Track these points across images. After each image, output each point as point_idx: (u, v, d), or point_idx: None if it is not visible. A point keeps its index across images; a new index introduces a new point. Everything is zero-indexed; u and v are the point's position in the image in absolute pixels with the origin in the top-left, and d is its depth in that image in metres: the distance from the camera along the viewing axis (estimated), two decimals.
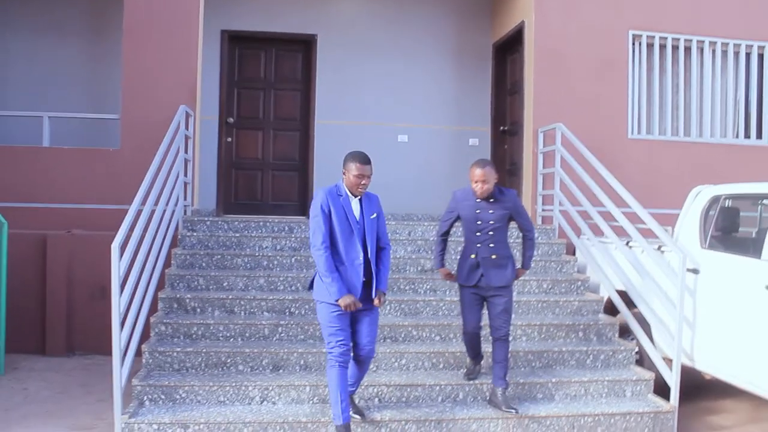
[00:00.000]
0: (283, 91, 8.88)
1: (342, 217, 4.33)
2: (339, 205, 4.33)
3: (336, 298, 4.25)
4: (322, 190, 4.38)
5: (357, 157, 4.36)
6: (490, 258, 4.95)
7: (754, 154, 8.67)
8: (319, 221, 4.29)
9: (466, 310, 5.07)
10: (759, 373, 4.83)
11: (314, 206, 4.34)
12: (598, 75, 8.17)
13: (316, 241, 4.29)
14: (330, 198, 4.33)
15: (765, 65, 8.87)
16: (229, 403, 4.86)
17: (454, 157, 9.38)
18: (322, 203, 4.32)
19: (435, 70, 9.44)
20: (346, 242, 4.33)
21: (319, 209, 4.30)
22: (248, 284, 6.07)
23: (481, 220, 4.96)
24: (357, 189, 4.36)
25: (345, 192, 4.39)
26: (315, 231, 4.30)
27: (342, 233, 4.32)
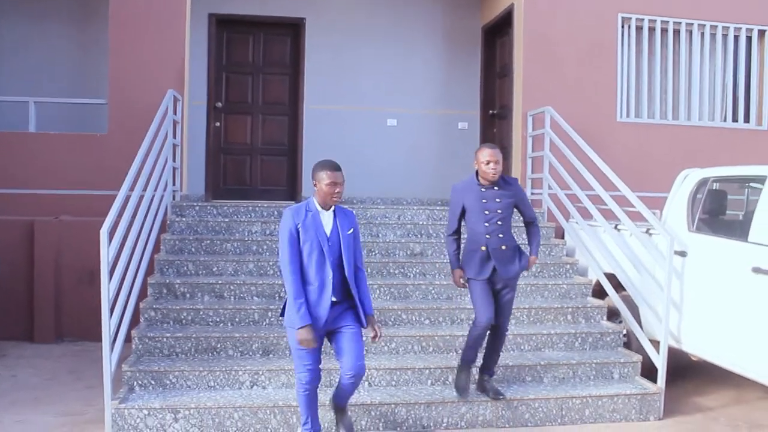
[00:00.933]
0: (271, 76, 8.84)
1: (311, 235, 4.04)
2: (308, 224, 4.05)
3: (297, 326, 3.96)
4: (289, 211, 4.09)
5: (327, 165, 4.12)
6: (500, 249, 4.75)
7: (742, 138, 8.72)
8: (286, 243, 4.02)
9: (481, 301, 4.77)
10: (744, 354, 4.88)
11: (281, 229, 4.08)
12: (587, 58, 8.17)
13: (283, 264, 4.04)
14: (296, 218, 4.05)
15: (753, 48, 8.89)
16: (219, 387, 4.88)
17: (444, 141, 9.39)
18: (289, 227, 4.04)
19: (424, 53, 9.41)
20: (316, 261, 4.03)
21: (287, 233, 4.03)
22: (238, 269, 6.06)
23: (489, 210, 4.75)
24: (331, 198, 4.09)
25: (315, 207, 4.12)
26: (283, 253, 4.04)
27: (311, 252, 4.03)
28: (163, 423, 4.55)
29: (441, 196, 9.16)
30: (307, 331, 3.96)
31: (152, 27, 7.31)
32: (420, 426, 4.81)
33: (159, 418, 4.54)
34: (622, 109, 8.43)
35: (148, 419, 4.54)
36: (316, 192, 4.14)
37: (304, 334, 3.96)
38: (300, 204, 4.15)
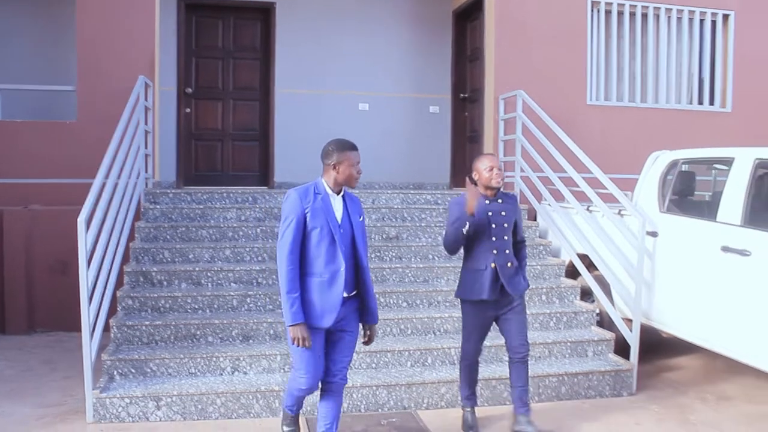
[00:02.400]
0: (242, 61, 8.75)
1: (321, 221, 3.61)
2: (317, 208, 3.61)
3: (289, 323, 3.54)
4: (295, 192, 3.64)
5: (351, 145, 3.72)
6: (506, 266, 4.38)
7: (707, 120, 8.90)
8: (290, 230, 3.56)
9: (474, 332, 4.47)
10: (713, 330, 5.03)
11: (285, 211, 3.60)
12: (557, 42, 8.25)
13: (282, 252, 3.56)
14: (304, 201, 3.60)
15: (717, 32, 9.07)
16: (201, 374, 4.88)
17: (415, 125, 9.43)
18: (297, 211, 3.58)
19: (395, 37, 9.41)
20: (326, 250, 3.61)
21: (293, 217, 3.57)
22: (214, 256, 6.05)
23: (496, 223, 4.37)
24: (355, 181, 3.72)
25: (325, 190, 3.69)
26: (284, 240, 3.56)
27: (321, 240, 3.60)
28: (146, 411, 4.55)
29: (413, 179, 9.22)
30: (301, 329, 3.54)
31: (121, 12, 7.19)
32: (401, 407, 4.88)
33: (141, 407, 4.54)
34: (591, 92, 8.55)
35: (130, 408, 4.54)
36: (334, 174, 3.68)
37: (298, 332, 3.54)
38: (306, 186, 3.71)
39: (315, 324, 3.62)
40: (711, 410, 5.08)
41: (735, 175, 5.09)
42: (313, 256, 3.61)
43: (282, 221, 3.61)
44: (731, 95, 9.09)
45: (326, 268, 3.62)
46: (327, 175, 3.72)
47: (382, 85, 9.38)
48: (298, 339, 3.54)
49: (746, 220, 4.87)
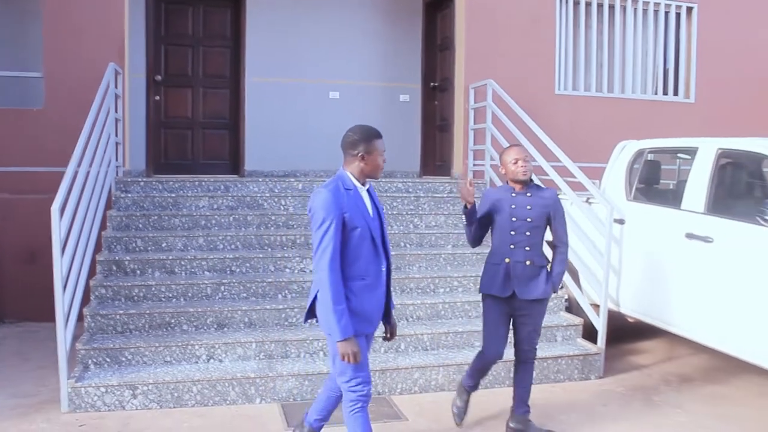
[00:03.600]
0: (212, 48, 8.68)
1: (359, 220, 3.30)
2: (352, 206, 3.30)
3: (339, 338, 3.19)
4: (327, 192, 3.25)
5: (376, 132, 3.46)
6: (524, 264, 4.16)
7: (672, 110, 9.11)
8: (330, 235, 3.20)
9: (492, 329, 4.25)
10: (677, 314, 5.20)
11: (321, 212, 3.22)
12: (526, 31, 8.35)
13: (323, 260, 3.19)
14: (339, 199, 3.26)
15: (681, 24, 9.26)
16: (176, 362, 4.90)
17: (386, 114, 9.46)
18: (332, 211, 3.21)
19: (366, 26, 9.43)
20: (367, 251, 3.34)
21: (331, 219, 3.20)
22: (187, 244, 6.05)
23: (517, 217, 4.18)
24: (381, 171, 3.48)
25: (353, 183, 3.37)
26: (324, 247, 3.20)
27: (361, 241, 3.30)
28: (122, 399, 4.56)
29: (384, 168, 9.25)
30: (353, 344, 3.22)
31: None
32: (375, 392, 4.94)
33: (117, 395, 4.55)
34: (560, 82, 8.68)
35: (106, 396, 4.54)
36: (360, 165, 3.39)
37: (349, 347, 3.21)
38: (332, 182, 3.35)
39: (364, 331, 3.36)
40: (674, 391, 5.26)
41: (698, 165, 5.24)
42: (354, 259, 3.29)
43: (317, 225, 3.22)
44: (695, 86, 9.30)
45: (369, 269, 3.34)
46: (352, 167, 3.40)
47: (352, 74, 9.40)
48: (348, 355, 3.20)
49: (709, 208, 5.03)
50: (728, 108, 9.22)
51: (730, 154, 5.22)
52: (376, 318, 3.46)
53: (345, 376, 3.34)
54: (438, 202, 7.12)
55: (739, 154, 5.20)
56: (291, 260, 5.97)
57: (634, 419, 4.68)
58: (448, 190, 7.41)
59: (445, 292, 6.01)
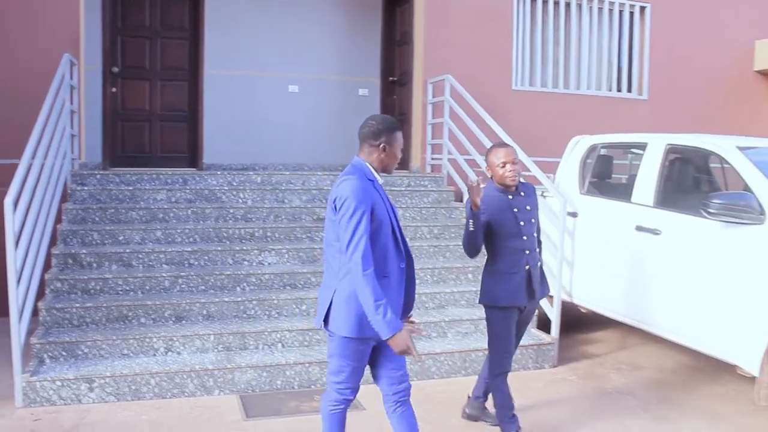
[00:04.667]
0: (170, 40, 8.61)
1: (383, 213, 3.11)
2: (376, 197, 3.11)
3: (389, 334, 2.95)
4: (356, 179, 3.06)
5: (396, 123, 3.29)
6: (537, 267, 4.03)
7: (625, 106, 9.32)
8: (363, 225, 2.97)
9: (508, 341, 4.02)
10: (628, 305, 5.36)
11: (352, 201, 2.98)
12: (484, 28, 8.47)
13: (358, 252, 2.95)
14: (367, 187, 3.07)
15: (634, 23, 9.48)
16: (134, 355, 4.89)
17: (344, 108, 9.50)
18: (364, 199, 3.01)
19: (325, 20, 9.44)
20: (390, 246, 3.16)
21: (364, 208, 2.99)
22: (145, 237, 6.01)
23: (524, 220, 3.95)
24: (394, 166, 3.32)
25: (374, 175, 3.19)
26: (359, 239, 2.96)
27: (385, 234, 3.12)
28: (78, 393, 4.54)
29: (343, 161, 9.28)
30: (405, 336, 2.98)
31: None
32: None
33: (73, 389, 4.53)
34: (517, 77, 8.81)
35: (62, 390, 4.52)
36: (381, 156, 3.22)
37: (403, 341, 2.98)
38: (354, 170, 3.16)
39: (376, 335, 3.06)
40: (625, 379, 5.42)
41: (648, 159, 5.41)
42: (378, 254, 3.07)
43: (348, 215, 2.98)
44: (647, 83, 9.52)
45: (391, 265, 3.16)
46: (371, 158, 3.21)
47: (311, 68, 9.40)
48: (407, 347, 2.98)
49: (658, 202, 5.20)
50: (679, 105, 9.47)
51: (678, 149, 5.39)
52: (399, 310, 3.26)
53: (339, 376, 3.23)
54: (396, 195, 7.19)
55: (686, 149, 5.38)
56: (249, 253, 5.99)
57: (586, 406, 4.82)
58: (406, 184, 7.49)
59: None
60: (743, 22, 9.87)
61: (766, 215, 4.26)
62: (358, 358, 3.20)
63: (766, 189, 4.37)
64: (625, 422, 4.54)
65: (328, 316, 3.16)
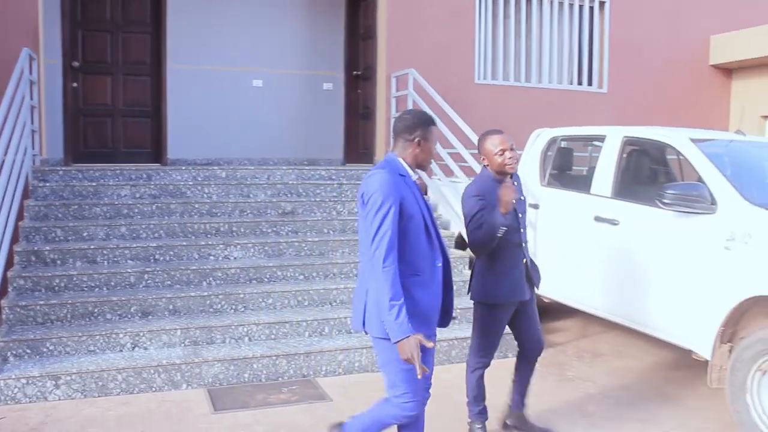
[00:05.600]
0: (131, 34, 8.53)
1: (414, 208, 2.99)
2: (407, 192, 2.99)
3: (397, 337, 2.82)
4: (386, 173, 2.96)
5: (431, 117, 3.19)
6: (532, 259, 4.00)
7: (585, 99, 9.51)
8: (389, 220, 2.87)
9: (496, 339, 3.97)
10: (588, 294, 5.50)
11: (379, 195, 2.89)
12: (447, 22, 8.57)
13: (381, 248, 2.85)
14: (397, 182, 2.96)
15: (594, 18, 9.65)
16: (100, 351, 4.89)
17: (309, 102, 9.54)
18: (392, 193, 2.90)
19: (289, 14, 9.45)
20: (424, 243, 3.04)
21: (391, 202, 2.88)
22: (109, 233, 5.99)
23: (521, 212, 3.86)
24: (430, 162, 3.22)
25: (406, 170, 3.08)
26: (383, 234, 2.86)
27: (418, 232, 3.00)
28: (44, 391, 4.53)
29: (307, 155, 9.35)
30: (414, 343, 2.81)
31: None
32: (300, 375, 5.07)
33: (39, 386, 4.52)
34: (480, 71, 8.93)
35: (27, 388, 4.50)
36: (416, 151, 3.11)
37: (410, 347, 2.81)
38: (385, 165, 3.07)
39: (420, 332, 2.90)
40: (586, 366, 5.57)
41: (606, 151, 5.54)
42: (408, 252, 2.97)
43: (374, 210, 2.88)
44: (607, 77, 9.72)
45: (423, 264, 3.02)
46: (405, 153, 3.11)
47: (275, 62, 9.41)
48: (411, 356, 2.80)
49: (615, 193, 5.34)
50: (638, 98, 9.69)
51: (635, 141, 5.54)
52: (434, 318, 3.12)
53: (398, 389, 3.00)
54: None
55: (643, 141, 5.52)
56: (215, 248, 6.00)
57: (548, 393, 4.94)
58: None
59: None
60: (699, 18, 10.13)
61: (718, 205, 4.41)
62: None
63: (717, 180, 4.52)
64: (586, 407, 4.68)
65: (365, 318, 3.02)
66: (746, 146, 5.44)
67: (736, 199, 4.36)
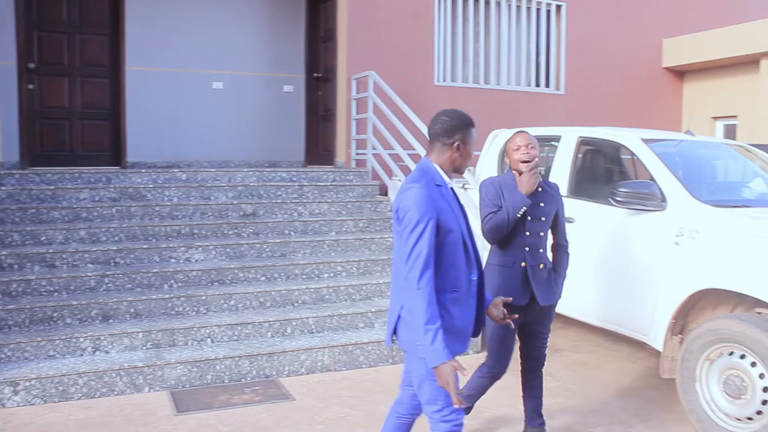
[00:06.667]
0: (89, 36, 8.44)
1: (452, 222, 2.80)
2: (444, 204, 2.79)
3: (435, 363, 2.64)
4: (420, 187, 2.74)
5: (470, 119, 2.94)
6: (538, 268, 3.80)
7: (543, 101, 9.69)
8: (426, 238, 2.69)
9: (503, 342, 3.86)
10: None
11: (415, 213, 2.70)
12: (407, 24, 8.67)
13: (416, 269, 2.67)
14: (433, 195, 2.76)
15: (551, 21, 9.85)
16: (60, 356, 4.85)
17: (270, 104, 9.53)
18: (429, 210, 2.71)
19: (249, 16, 9.42)
20: (462, 258, 2.84)
21: (427, 219, 2.70)
22: (68, 237, 5.94)
23: (532, 215, 3.75)
24: (467, 167, 3.04)
25: (442, 178, 2.85)
26: (418, 254, 2.68)
27: (454, 245, 2.80)
28: (2, 397, 4.48)
29: (268, 158, 9.35)
30: (451, 369, 2.65)
31: None
32: (263, 375, 5.10)
33: None
34: (439, 73, 9.04)
35: None
36: (454, 156, 2.90)
37: (448, 374, 2.65)
38: (420, 175, 2.83)
39: (456, 351, 2.78)
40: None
41: (562, 152, 5.68)
42: (446, 268, 2.78)
43: (409, 228, 2.70)
44: (564, 79, 9.92)
45: (461, 279, 2.84)
46: (443, 158, 2.89)
47: (236, 64, 9.38)
48: (447, 384, 2.65)
49: (571, 191, 5.47)
50: (594, 99, 9.91)
51: (589, 141, 5.68)
52: (469, 333, 2.94)
53: (436, 404, 2.82)
54: (322, 190, 7.30)
55: (597, 141, 5.67)
56: (176, 250, 5.99)
57: (508, 387, 5.02)
58: (331, 179, 7.60)
59: (330, 277, 6.22)
60: (652, 21, 10.40)
61: (668, 202, 4.57)
62: None
63: (667, 178, 4.68)
64: (545, 401, 4.77)
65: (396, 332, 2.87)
66: (695, 146, 5.62)
67: (685, 197, 4.53)
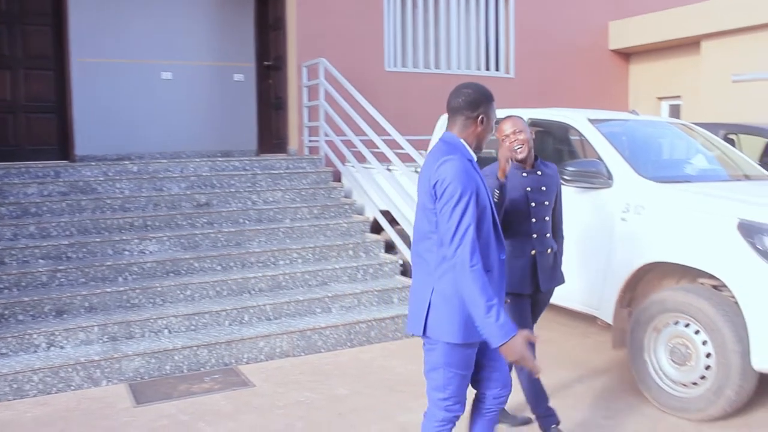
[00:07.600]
0: (31, 27, 8.23)
1: (484, 197, 2.66)
2: (479, 179, 2.67)
3: (502, 339, 2.50)
4: (459, 159, 2.61)
5: (491, 93, 2.82)
6: (546, 253, 3.69)
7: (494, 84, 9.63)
8: (470, 212, 2.54)
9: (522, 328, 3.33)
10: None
11: (457, 185, 2.54)
12: (356, 11, 8.67)
13: (465, 245, 2.51)
14: (470, 170, 2.62)
15: (500, 5, 9.95)
16: (13, 354, 4.77)
17: (220, 93, 9.44)
18: (470, 182, 2.58)
19: (197, 5, 9.30)
20: (492, 236, 2.72)
21: (470, 192, 2.56)
22: (17, 233, 5.83)
23: (535, 201, 3.65)
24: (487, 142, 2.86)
25: (471, 153, 2.73)
26: (465, 229, 2.52)
27: (487, 221, 2.68)
28: None
29: (221, 147, 9.28)
30: (520, 343, 2.53)
31: None
32: (222, 364, 5.11)
33: None
34: (389, 59, 9.08)
35: None
36: (478, 129, 2.75)
37: (520, 347, 2.53)
38: (450, 149, 2.68)
39: (478, 339, 2.68)
40: None
41: None
42: (481, 246, 2.60)
43: (452, 202, 2.53)
44: (513, 62, 10.05)
45: (492, 259, 2.71)
46: (466, 132, 2.75)
47: (184, 54, 9.26)
48: (522, 356, 2.53)
49: None
50: (543, 81, 10.07)
51: (539, 123, 5.79)
52: None
53: (444, 392, 2.76)
54: (275, 178, 7.30)
55: (546, 123, 5.78)
56: (130, 242, 5.94)
57: None
58: (285, 167, 7.60)
59: (285, 264, 6.24)
60: (599, 4, 10.60)
61: (614, 180, 4.71)
62: (466, 365, 2.76)
63: (612, 157, 4.82)
64: None
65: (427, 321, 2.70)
66: (641, 125, 5.79)
67: (630, 174, 4.67)
